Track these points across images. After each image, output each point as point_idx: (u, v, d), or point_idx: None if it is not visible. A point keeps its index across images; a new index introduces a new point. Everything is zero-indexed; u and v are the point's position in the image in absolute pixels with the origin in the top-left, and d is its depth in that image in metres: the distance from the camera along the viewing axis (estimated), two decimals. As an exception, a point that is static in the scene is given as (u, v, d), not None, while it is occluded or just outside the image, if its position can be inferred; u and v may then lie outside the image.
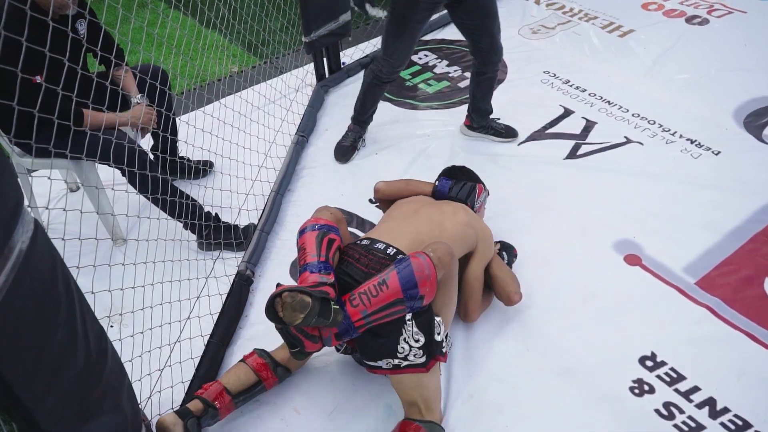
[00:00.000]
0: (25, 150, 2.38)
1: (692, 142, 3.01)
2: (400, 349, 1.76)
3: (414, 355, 1.76)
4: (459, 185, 2.33)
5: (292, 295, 1.62)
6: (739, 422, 1.89)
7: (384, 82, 2.92)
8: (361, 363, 1.94)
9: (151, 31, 2.42)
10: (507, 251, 2.39)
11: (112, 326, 2.23)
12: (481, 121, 3.09)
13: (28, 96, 1.66)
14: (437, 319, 1.79)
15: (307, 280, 1.73)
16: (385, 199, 2.40)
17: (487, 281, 2.23)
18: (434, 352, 1.78)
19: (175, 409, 1.85)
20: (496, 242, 2.41)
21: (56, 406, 1.28)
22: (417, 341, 1.75)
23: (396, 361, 1.78)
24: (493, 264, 2.24)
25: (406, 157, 3.09)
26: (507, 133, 3.11)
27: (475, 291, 2.16)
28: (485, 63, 2.85)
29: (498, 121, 3.12)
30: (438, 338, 1.78)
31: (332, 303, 1.67)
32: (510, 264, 2.37)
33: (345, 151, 3.08)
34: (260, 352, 2.00)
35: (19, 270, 1.12)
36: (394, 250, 1.91)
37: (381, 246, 1.93)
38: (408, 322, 1.74)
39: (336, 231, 1.89)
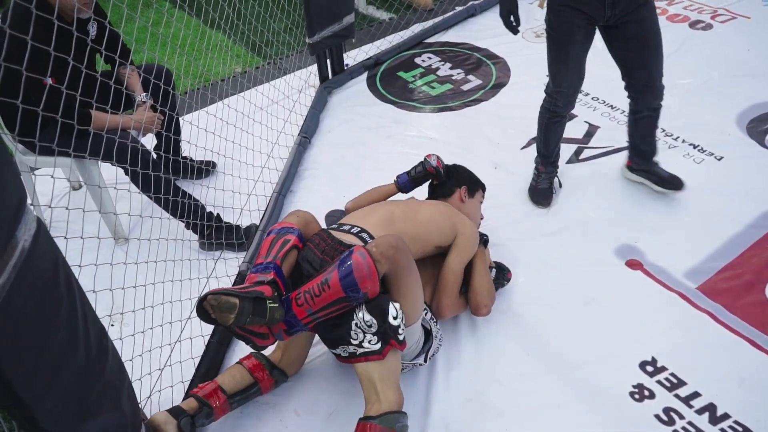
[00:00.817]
0: (28, 148, 2.39)
1: (695, 147, 3.01)
2: (353, 335, 1.76)
3: (369, 342, 1.75)
4: (414, 171, 2.42)
5: (216, 298, 1.65)
6: (740, 428, 1.88)
7: (562, 116, 2.64)
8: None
9: (155, 31, 2.43)
10: (500, 270, 2.35)
11: (113, 325, 2.23)
12: (642, 164, 2.74)
13: (40, 97, 1.67)
14: (394, 304, 1.75)
15: (248, 280, 1.78)
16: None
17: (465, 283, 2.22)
18: (389, 336, 1.76)
19: (167, 408, 1.84)
20: (495, 261, 2.38)
21: (56, 405, 1.28)
22: (369, 326, 1.73)
23: (351, 348, 1.78)
24: (475, 269, 2.22)
25: (408, 160, 3.07)
26: (670, 181, 2.68)
27: (448, 284, 2.13)
28: (638, 101, 2.54)
29: (660, 165, 2.73)
30: (394, 322, 1.75)
31: (268, 301, 1.69)
32: (498, 284, 2.33)
33: (546, 194, 2.79)
34: (257, 354, 2.00)
35: (21, 268, 1.12)
36: (358, 228, 1.97)
37: (346, 227, 2.00)
38: (357, 307, 1.74)
39: (295, 232, 1.92)
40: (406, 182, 2.43)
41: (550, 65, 2.52)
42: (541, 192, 2.78)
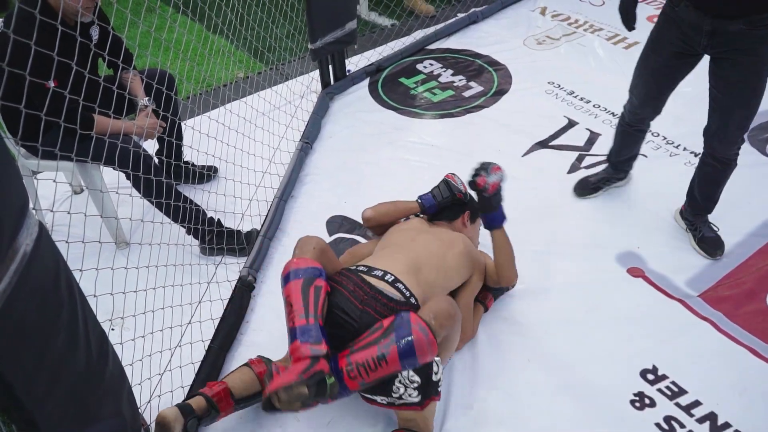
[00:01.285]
0: (31, 152, 2.39)
1: (696, 155, 3.01)
2: (395, 389, 1.75)
3: (409, 395, 1.75)
4: (441, 196, 2.35)
5: (287, 393, 1.62)
6: (741, 437, 1.89)
7: (628, 124, 2.55)
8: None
9: (158, 36, 2.43)
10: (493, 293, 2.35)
11: (113, 329, 2.22)
12: (691, 214, 2.54)
13: (43, 101, 1.67)
14: (436, 359, 1.75)
15: (298, 351, 1.67)
16: (376, 225, 2.39)
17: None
18: (430, 392, 1.77)
19: (177, 404, 1.82)
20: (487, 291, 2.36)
21: (56, 409, 1.28)
22: (413, 383, 1.73)
23: (390, 399, 1.78)
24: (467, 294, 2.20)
25: (409, 166, 3.09)
26: (710, 245, 2.48)
27: (464, 322, 2.13)
28: (705, 145, 2.38)
29: (711, 225, 2.53)
30: (435, 378, 1.76)
31: (327, 378, 1.66)
32: (502, 290, 2.34)
33: (585, 185, 2.80)
34: (266, 361, 1.99)
35: (22, 272, 1.12)
36: (392, 276, 1.90)
37: (378, 272, 1.92)
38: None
39: (321, 273, 1.83)
40: (432, 206, 2.36)
41: (634, 69, 2.44)
42: (584, 182, 2.82)
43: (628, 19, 2.31)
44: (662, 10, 2.23)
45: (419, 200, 2.39)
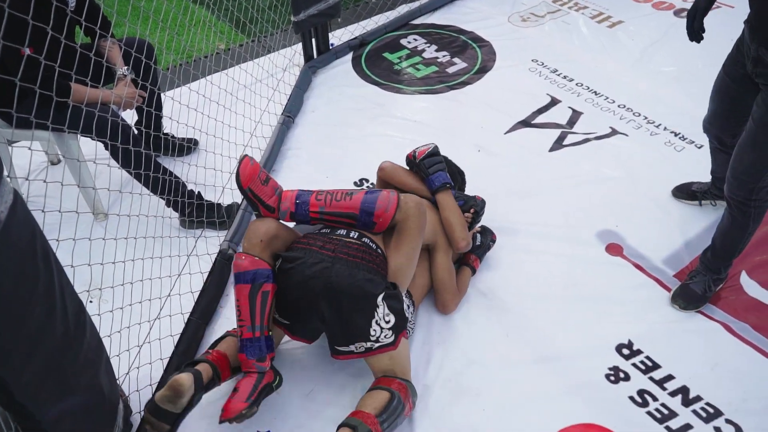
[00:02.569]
0: (5, 120, 2.34)
1: (676, 135, 3.04)
2: (372, 332, 1.80)
3: (385, 336, 1.82)
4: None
5: (239, 419, 1.76)
6: (711, 410, 1.93)
7: (710, 139, 2.36)
8: (332, 352, 1.92)
9: (137, 4, 2.37)
10: (484, 233, 2.42)
11: (91, 301, 2.20)
12: (702, 262, 2.27)
13: (17, 68, 1.63)
14: (404, 298, 1.86)
15: (246, 365, 1.85)
16: (385, 179, 2.37)
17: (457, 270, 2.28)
18: (402, 328, 1.86)
19: (191, 369, 1.78)
20: (480, 226, 2.44)
21: (33, 379, 1.27)
22: (388, 322, 1.81)
23: (368, 344, 1.82)
24: (437, 265, 2.21)
25: (391, 142, 3.08)
26: (691, 300, 2.23)
27: (446, 282, 2.20)
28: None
29: (711, 284, 2.24)
30: (407, 315, 1.90)
31: (273, 385, 1.88)
32: (487, 247, 2.41)
33: (684, 188, 2.68)
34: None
35: (-3, 240, 1.10)
36: (356, 233, 1.95)
37: (342, 232, 1.96)
38: (380, 306, 1.79)
39: (268, 276, 1.84)
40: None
41: None
42: (686, 188, 2.67)
43: (693, 29, 2.06)
44: (741, 34, 2.01)
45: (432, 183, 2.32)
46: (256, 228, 1.89)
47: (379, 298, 1.78)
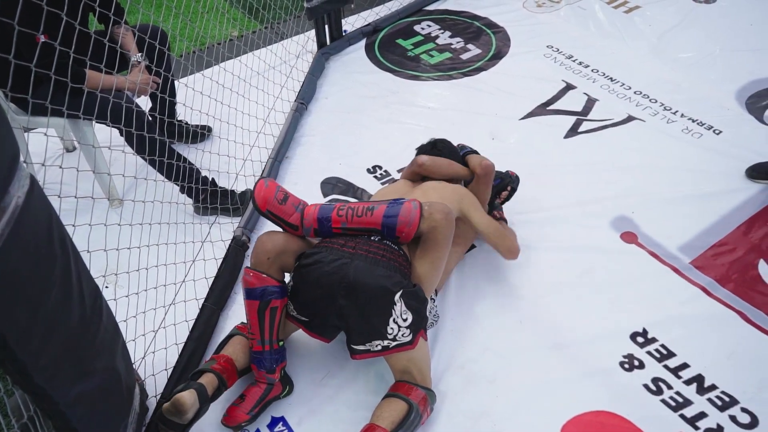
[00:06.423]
0: (21, 107, 2.35)
1: (694, 122, 3.00)
2: (389, 330, 1.77)
3: (402, 335, 1.78)
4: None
5: (236, 429, 1.88)
6: (726, 399, 1.91)
7: None
8: (351, 352, 1.90)
9: (150, -10, 2.37)
10: (504, 179, 2.44)
11: (107, 286, 2.23)
12: None
13: (32, 55, 1.64)
14: (433, 296, 1.83)
15: (257, 375, 1.92)
16: (427, 174, 2.29)
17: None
18: (420, 328, 1.82)
19: (194, 385, 1.75)
20: (497, 171, 2.43)
21: (51, 362, 1.28)
22: (405, 320, 1.77)
23: (385, 342, 1.79)
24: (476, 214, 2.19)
25: (404, 129, 3.07)
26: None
27: (494, 235, 2.16)
28: None
29: None
30: (426, 314, 1.84)
31: (281, 396, 1.95)
32: (513, 189, 2.45)
33: (761, 168, 2.66)
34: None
35: (15, 224, 1.11)
36: (377, 237, 1.89)
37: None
38: (397, 303, 1.75)
39: (275, 292, 1.85)
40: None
41: None
42: (762, 168, 2.64)
43: None
44: None
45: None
46: (263, 244, 1.88)
47: (397, 295, 1.74)
